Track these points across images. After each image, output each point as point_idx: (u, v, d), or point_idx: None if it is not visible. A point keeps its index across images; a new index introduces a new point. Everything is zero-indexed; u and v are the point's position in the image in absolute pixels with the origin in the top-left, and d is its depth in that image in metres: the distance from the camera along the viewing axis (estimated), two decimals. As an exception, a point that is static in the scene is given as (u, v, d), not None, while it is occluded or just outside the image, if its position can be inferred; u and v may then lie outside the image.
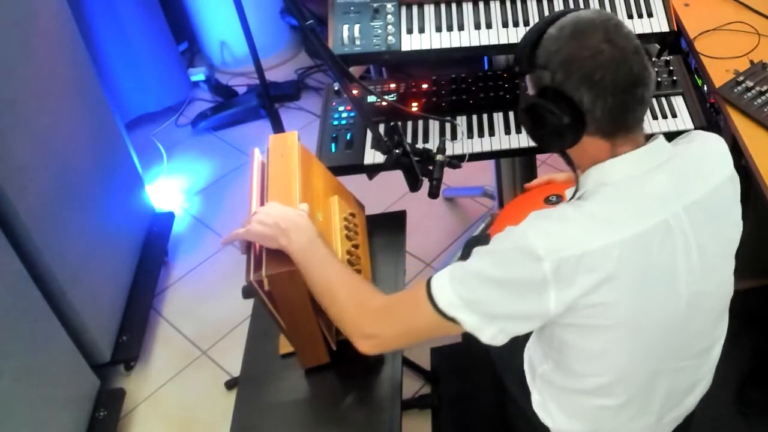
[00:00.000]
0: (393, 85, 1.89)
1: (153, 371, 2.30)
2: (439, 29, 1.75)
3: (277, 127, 2.27)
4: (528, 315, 1.07)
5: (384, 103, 1.80)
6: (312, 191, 1.39)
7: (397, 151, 1.43)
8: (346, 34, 1.72)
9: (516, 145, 1.78)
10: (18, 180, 1.80)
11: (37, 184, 1.89)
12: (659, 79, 1.86)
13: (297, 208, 1.28)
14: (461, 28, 1.76)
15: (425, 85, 1.89)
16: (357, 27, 1.72)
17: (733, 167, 1.20)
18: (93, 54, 2.49)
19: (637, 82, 1.05)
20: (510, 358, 1.42)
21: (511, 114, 1.84)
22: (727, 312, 1.27)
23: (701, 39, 1.95)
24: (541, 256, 1.01)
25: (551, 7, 1.80)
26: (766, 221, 2.02)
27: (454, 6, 1.78)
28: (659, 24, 1.82)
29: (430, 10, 1.77)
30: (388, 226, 1.67)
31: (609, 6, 1.82)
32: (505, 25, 1.77)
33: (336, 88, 1.86)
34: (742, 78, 1.77)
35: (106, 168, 2.31)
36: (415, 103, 1.83)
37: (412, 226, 1.74)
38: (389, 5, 1.75)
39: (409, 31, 1.74)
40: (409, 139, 1.77)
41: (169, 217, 2.71)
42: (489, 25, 1.76)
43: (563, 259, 1.01)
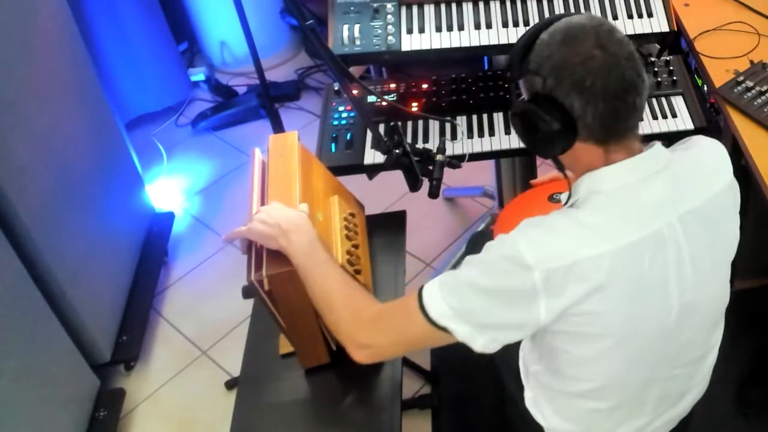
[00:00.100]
0: (393, 85, 1.89)
1: (153, 371, 2.30)
2: (439, 29, 1.75)
3: (277, 127, 2.27)
4: (519, 324, 1.06)
5: (384, 103, 1.80)
6: (312, 191, 1.39)
7: (397, 151, 1.43)
8: (346, 34, 1.72)
9: (516, 145, 1.78)
10: (18, 180, 1.80)
11: (37, 184, 1.89)
12: (659, 79, 1.86)
13: (297, 208, 1.28)
14: (461, 28, 1.76)
15: (425, 85, 1.89)
16: (357, 27, 1.72)
17: (732, 175, 1.18)
18: (93, 54, 2.49)
19: (629, 88, 1.04)
20: (507, 354, 1.43)
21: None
22: (723, 319, 1.26)
23: (701, 39, 1.95)
24: (531, 265, 1.01)
25: (551, 7, 1.80)
26: (766, 221, 2.02)
27: (454, 6, 1.78)
28: (659, 24, 1.82)
29: (430, 10, 1.77)
30: (388, 226, 1.67)
31: (609, 6, 1.82)
32: (505, 25, 1.77)
33: (336, 88, 1.86)
34: (742, 78, 1.77)
35: (106, 168, 2.31)
36: (415, 103, 1.83)
37: (412, 226, 1.74)
38: (389, 5, 1.75)
39: (409, 31, 1.74)
40: (409, 139, 1.78)
41: (169, 217, 2.71)
42: (489, 25, 1.76)
43: (553, 269, 1.01)
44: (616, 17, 1.81)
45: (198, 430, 2.14)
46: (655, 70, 1.88)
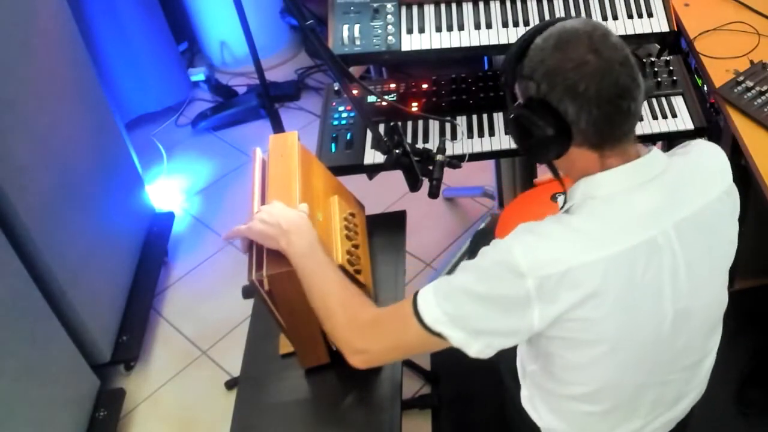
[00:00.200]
0: (393, 85, 1.89)
1: (153, 371, 2.30)
2: (439, 29, 1.75)
3: (277, 127, 2.27)
4: (513, 330, 1.06)
5: (384, 103, 1.80)
6: (312, 191, 1.39)
7: (397, 151, 1.43)
8: (346, 34, 1.72)
9: (516, 145, 1.77)
10: (18, 180, 1.80)
11: (37, 184, 1.89)
12: (659, 79, 1.86)
13: (297, 208, 1.28)
14: (461, 28, 1.76)
15: (425, 85, 1.89)
16: (357, 27, 1.72)
17: (731, 180, 1.17)
18: (93, 54, 2.49)
19: (623, 94, 1.03)
20: (506, 350, 1.43)
21: (511, 114, 1.84)
22: (721, 324, 1.25)
23: (701, 39, 1.95)
24: (525, 272, 1.01)
25: (551, 7, 1.80)
26: (766, 221, 2.02)
27: (454, 6, 1.78)
28: (659, 24, 1.82)
29: (430, 10, 1.77)
30: (388, 226, 1.67)
31: (609, 6, 1.82)
32: (505, 25, 1.77)
33: (336, 88, 1.86)
34: (742, 78, 1.77)
35: (106, 168, 2.32)
36: (415, 103, 1.83)
37: (412, 226, 1.74)
38: (389, 5, 1.75)
39: (409, 31, 1.74)
40: (409, 139, 1.77)
41: (169, 217, 2.71)
42: (489, 25, 1.76)
43: (547, 275, 1.01)
44: (616, 17, 1.81)
45: (198, 430, 2.14)
46: (655, 70, 1.88)
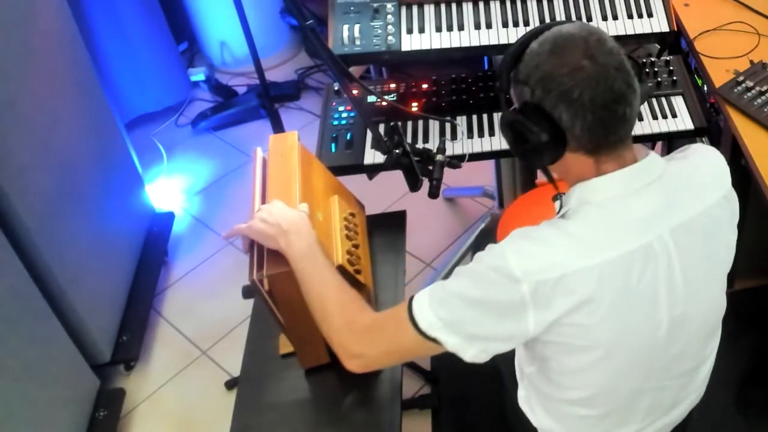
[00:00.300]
0: (393, 85, 1.89)
1: (153, 371, 2.30)
2: (439, 29, 1.75)
3: (277, 127, 2.27)
4: (508, 336, 1.06)
5: (384, 103, 1.80)
6: (312, 191, 1.39)
7: (397, 151, 1.43)
8: (346, 34, 1.72)
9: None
10: (18, 180, 1.80)
11: (37, 184, 1.89)
12: (659, 79, 1.86)
13: (297, 208, 1.27)
14: (461, 28, 1.76)
15: (425, 85, 1.89)
16: (357, 27, 1.72)
17: (729, 185, 1.16)
18: (93, 54, 2.49)
19: (618, 99, 1.02)
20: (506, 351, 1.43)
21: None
22: (719, 328, 1.25)
23: (701, 39, 1.95)
24: (519, 278, 1.00)
25: (551, 8, 1.80)
26: (766, 221, 2.02)
27: (454, 6, 1.78)
28: (659, 24, 1.82)
29: (430, 10, 1.77)
30: (388, 226, 1.67)
31: (609, 6, 1.82)
32: (505, 25, 1.77)
33: (336, 88, 1.86)
34: (742, 78, 1.77)
35: (106, 168, 2.31)
36: (415, 103, 1.83)
37: (412, 226, 1.74)
38: (389, 5, 1.75)
39: (409, 31, 1.74)
40: (409, 139, 1.77)
41: (169, 217, 2.71)
42: (489, 25, 1.76)
43: (541, 281, 1.00)
44: (616, 17, 1.81)
45: (198, 430, 2.14)
46: (655, 70, 1.88)
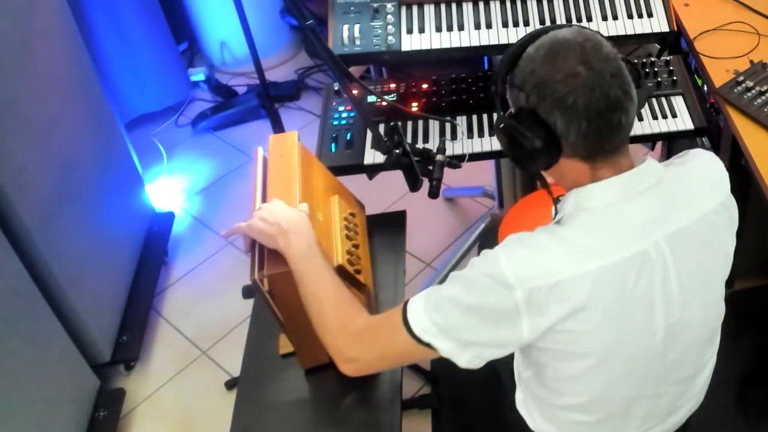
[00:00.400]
0: (393, 85, 1.89)
1: (153, 371, 2.30)
2: (439, 29, 1.75)
3: (277, 127, 2.27)
4: (502, 342, 1.06)
5: (384, 103, 1.80)
6: (312, 191, 1.39)
7: (397, 151, 1.43)
8: (346, 34, 1.72)
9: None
10: (18, 180, 1.80)
11: (37, 184, 1.89)
12: (659, 79, 1.86)
13: (297, 208, 1.27)
14: (461, 28, 1.76)
15: (425, 85, 1.89)
16: (357, 27, 1.72)
17: (728, 192, 1.15)
18: (93, 54, 2.49)
19: (613, 107, 1.01)
20: None
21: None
22: (718, 336, 1.24)
23: (701, 39, 1.94)
24: (513, 284, 1.00)
25: (551, 8, 1.80)
26: (766, 221, 2.02)
27: (454, 6, 1.78)
28: (659, 24, 1.82)
29: (430, 10, 1.77)
30: (388, 226, 1.67)
31: (609, 6, 1.82)
32: (505, 25, 1.77)
33: (336, 88, 1.86)
34: (742, 78, 1.77)
35: (106, 168, 2.31)
36: (415, 103, 1.83)
37: (412, 226, 1.74)
38: (389, 5, 1.75)
39: (409, 31, 1.74)
40: (409, 139, 1.77)
41: (169, 217, 2.71)
42: (489, 25, 1.76)
43: (535, 288, 1.00)
44: (616, 17, 1.81)
45: (198, 430, 2.14)
46: (655, 70, 1.88)
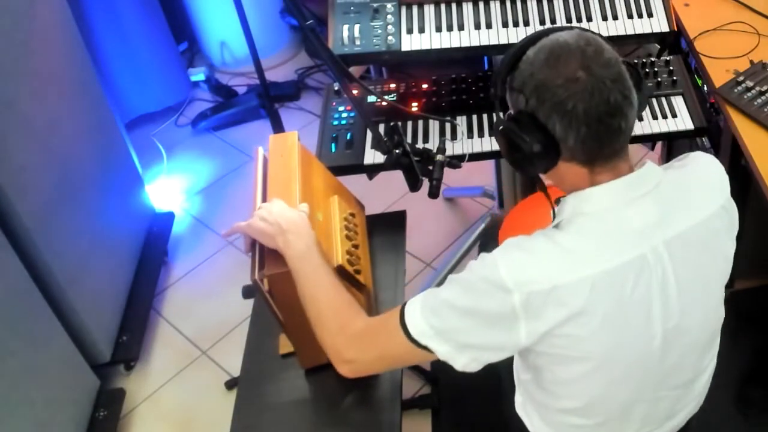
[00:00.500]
0: (393, 85, 1.89)
1: (153, 371, 2.30)
2: (439, 29, 1.75)
3: (277, 127, 2.27)
4: (499, 345, 1.06)
5: (384, 103, 1.80)
6: (312, 191, 1.39)
7: (397, 151, 1.43)
8: (346, 34, 1.72)
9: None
10: (18, 180, 1.80)
11: (37, 184, 1.89)
12: (659, 79, 1.86)
13: (297, 208, 1.27)
14: (461, 28, 1.76)
15: (425, 85, 1.89)
16: (357, 27, 1.72)
17: (728, 195, 1.15)
18: (93, 54, 2.49)
19: (613, 112, 1.01)
20: None
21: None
22: (717, 341, 1.23)
23: (701, 39, 1.94)
24: (511, 288, 1.00)
25: (551, 8, 1.80)
26: (766, 221, 2.02)
27: (454, 6, 1.78)
28: (659, 24, 1.82)
29: (430, 10, 1.77)
30: (388, 226, 1.67)
31: (609, 6, 1.82)
32: (505, 25, 1.77)
33: (336, 88, 1.86)
34: (742, 78, 1.77)
35: (106, 168, 2.31)
36: (415, 103, 1.83)
37: (412, 226, 1.74)
38: (389, 5, 1.75)
39: (409, 31, 1.74)
40: (409, 139, 1.77)
41: (169, 217, 2.71)
42: (489, 25, 1.76)
43: (533, 292, 1.00)
44: (616, 17, 1.81)
45: (198, 430, 2.14)
46: (655, 70, 1.88)
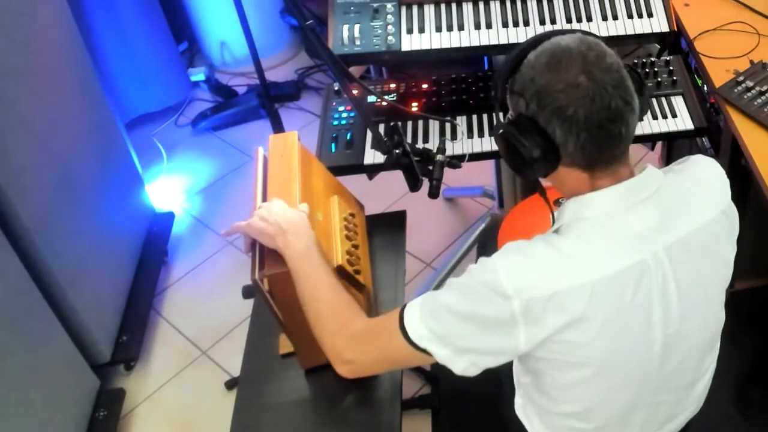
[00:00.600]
0: (393, 85, 1.89)
1: (153, 371, 2.30)
2: (439, 29, 1.75)
3: (277, 127, 2.27)
4: (498, 350, 1.05)
5: (384, 103, 1.80)
6: (312, 191, 1.39)
7: (397, 151, 1.43)
8: (346, 34, 1.72)
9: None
10: (18, 180, 1.80)
11: (37, 184, 1.89)
12: (659, 79, 1.86)
13: (297, 208, 1.27)
14: (461, 28, 1.76)
15: (425, 85, 1.89)
16: (357, 27, 1.72)
17: (729, 199, 1.14)
18: (93, 54, 2.49)
19: (614, 118, 1.00)
20: None
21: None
22: (717, 344, 1.23)
23: (701, 39, 1.94)
24: (510, 294, 0.99)
25: (551, 8, 1.80)
26: (766, 221, 2.02)
27: (454, 6, 1.78)
28: (659, 24, 1.82)
29: (430, 10, 1.77)
30: (388, 226, 1.67)
31: (609, 6, 1.82)
32: (505, 25, 1.77)
33: (336, 88, 1.86)
34: (742, 78, 1.77)
35: (106, 168, 2.31)
36: (415, 103, 1.83)
37: (412, 226, 1.74)
38: (389, 5, 1.75)
39: (409, 31, 1.74)
40: (409, 139, 1.77)
41: (169, 217, 2.71)
42: (489, 25, 1.76)
43: (532, 298, 0.99)
44: (616, 17, 1.81)
45: (198, 430, 2.14)
46: (655, 70, 1.88)
